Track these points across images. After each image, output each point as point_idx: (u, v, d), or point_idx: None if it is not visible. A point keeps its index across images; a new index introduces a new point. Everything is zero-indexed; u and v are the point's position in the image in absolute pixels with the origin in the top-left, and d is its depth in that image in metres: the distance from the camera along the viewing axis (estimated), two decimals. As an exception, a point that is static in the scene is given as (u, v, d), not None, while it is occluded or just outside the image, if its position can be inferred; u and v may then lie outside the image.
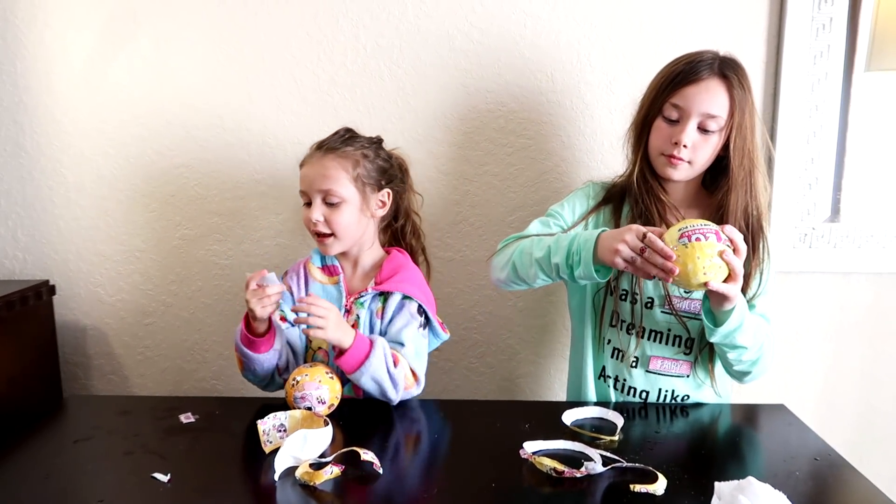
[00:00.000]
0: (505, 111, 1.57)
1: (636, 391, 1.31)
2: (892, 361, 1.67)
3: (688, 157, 1.20)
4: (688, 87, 1.19)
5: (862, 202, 1.59)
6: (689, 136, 1.19)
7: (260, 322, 1.21)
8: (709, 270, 1.04)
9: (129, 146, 1.60)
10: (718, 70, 1.18)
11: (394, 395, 1.22)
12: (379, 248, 1.40)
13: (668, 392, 1.31)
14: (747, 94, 1.19)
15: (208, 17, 1.55)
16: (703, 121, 1.18)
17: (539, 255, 1.20)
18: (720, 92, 1.18)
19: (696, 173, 1.25)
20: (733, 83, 1.17)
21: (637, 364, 1.30)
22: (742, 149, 1.19)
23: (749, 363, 1.22)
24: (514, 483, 0.98)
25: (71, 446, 1.10)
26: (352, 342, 1.19)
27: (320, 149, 1.30)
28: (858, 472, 1.03)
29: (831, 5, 1.50)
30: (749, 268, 1.20)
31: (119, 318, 1.69)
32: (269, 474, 0.98)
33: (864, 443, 1.68)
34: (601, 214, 1.32)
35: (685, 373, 1.30)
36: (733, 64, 1.20)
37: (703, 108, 1.18)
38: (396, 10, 1.54)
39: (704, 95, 1.18)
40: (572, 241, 1.16)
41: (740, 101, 1.17)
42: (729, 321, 1.12)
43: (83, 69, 1.57)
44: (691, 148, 1.20)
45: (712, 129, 1.19)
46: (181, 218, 1.63)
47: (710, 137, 1.20)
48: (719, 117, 1.18)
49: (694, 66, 1.19)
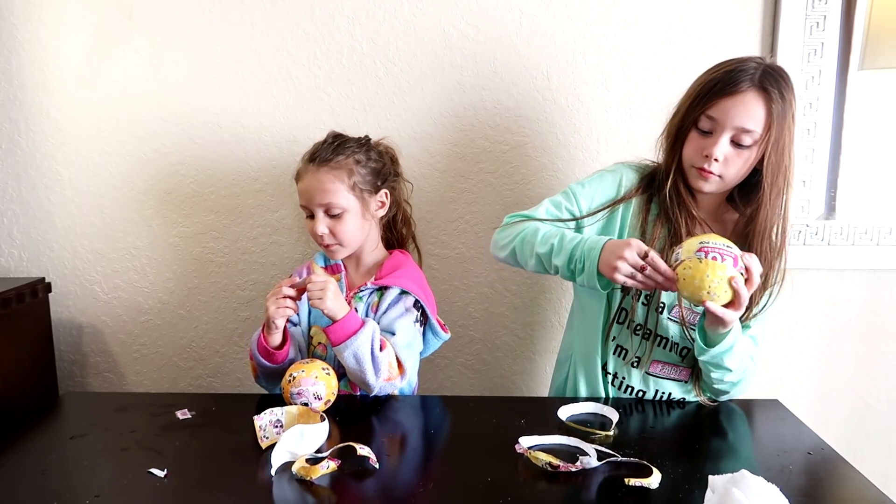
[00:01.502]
0: (500, 108, 1.58)
1: (633, 390, 1.32)
2: (885, 357, 1.68)
3: (719, 171, 1.16)
4: (724, 98, 1.13)
5: (856, 200, 1.60)
6: (720, 150, 1.14)
7: (275, 331, 1.23)
8: (714, 291, 1.04)
9: (124, 144, 1.60)
10: (759, 82, 1.12)
11: (373, 380, 1.22)
12: (382, 247, 1.42)
13: (664, 394, 1.32)
14: (788, 109, 1.13)
15: (204, 15, 1.55)
16: (736, 134, 1.13)
17: (541, 251, 1.19)
18: (757, 106, 1.12)
19: (727, 187, 1.20)
20: (773, 97, 1.11)
21: (637, 364, 1.30)
22: (777, 165, 1.14)
23: (730, 384, 1.24)
24: (510, 478, 0.99)
25: (67, 443, 1.10)
26: (344, 315, 1.21)
27: (313, 161, 1.30)
28: (852, 467, 1.03)
29: (825, 3, 1.51)
30: (759, 290, 1.18)
31: (115, 315, 1.69)
32: (265, 470, 0.98)
33: (857, 438, 1.69)
34: (630, 206, 1.27)
35: (684, 379, 1.31)
36: (777, 75, 1.13)
37: (738, 122, 1.12)
38: (392, 7, 1.54)
39: (741, 109, 1.12)
40: (576, 246, 1.15)
41: (778, 117, 1.11)
42: (720, 344, 1.14)
43: (79, 66, 1.57)
44: (723, 162, 1.15)
45: (746, 143, 1.13)
46: (177, 215, 1.63)
47: (743, 152, 1.14)
48: (754, 132, 1.12)
49: (733, 76, 1.13)
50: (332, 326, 1.21)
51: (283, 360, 1.26)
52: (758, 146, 1.14)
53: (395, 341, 1.27)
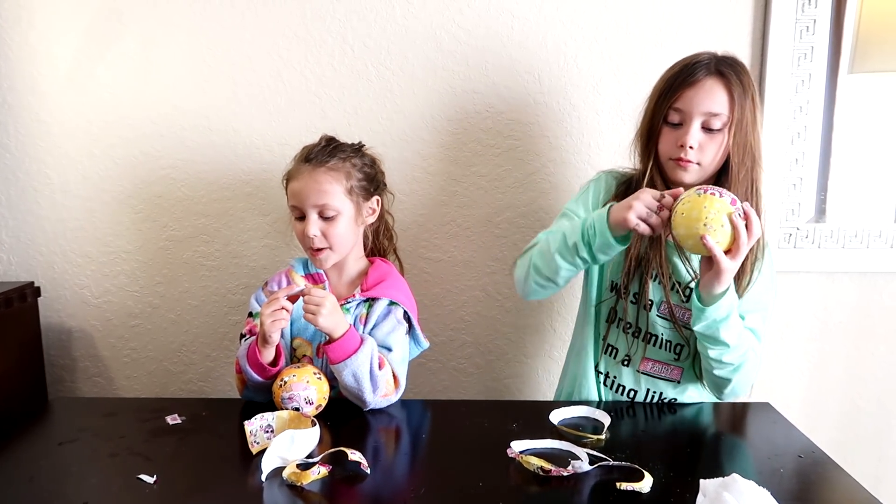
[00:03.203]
0: (492, 112, 1.58)
1: (625, 389, 1.32)
2: (875, 360, 1.68)
3: (696, 159, 1.20)
4: (687, 89, 1.19)
5: (846, 203, 1.61)
6: (693, 138, 1.19)
7: (269, 345, 1.20)
8: (711, 223, 1.03)
9: (114, 147, 1.59)
10: (715, 69, 1.18)
11: (370, 397, 1.21)
12: (363, 256, 1.41)
13: (655, 393, 1.32)
14: (747, 91, 1.18)
15: (195, 18, 1.54)
16: (706, 120, 1.18)
17: (556, 246, 1.20)
18: (719, 90, 1.18)
19: (707, 174, 1.23)
20: (731, 80, 1.17)
21: (628, 363, 1.31)
22: (743, 145, 1.19)
23: (731, 368, 1.21)
24: (502, 482, 0.98)
25: (56, 448, 1.09)
26: (343, 333, 1.19)
27: (308, 162, 1.28)
28: (842, 470, 1.04)
29: (815, 7, 1.52)
30: (744, 264, 1.19)
31: (105, 319, 1.68)
32: (256, 475, 0.98)
33: (848, 441, 1.70)
34: None
35: (675, 378, 1.31)
36: (731, 62, 1.20)
37: (704, 108, 1.18)
38: (384, 10, 1.54)
39: (704, 95, 1.18)
40: (585, 219, 1.18)
41: (739, 98, 1.17)
42: (716, 306, 1.11)
43: (68, 70, 1.56)
44: (698, 149, 1.19)
45: (716, 127, 1.18)
46: (168, 219, 1.63)
47: (715, 136, 1.19)
48: (721, 114, 1.18)
49: (690, 68, 1.20)
50: (332, 345, 1.19)
51: (275, 375, 1.22)
52: (727, 128, 1.18)
53: (392, 357, 1.26)
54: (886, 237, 1.60)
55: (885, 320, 1.66)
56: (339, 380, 1.21)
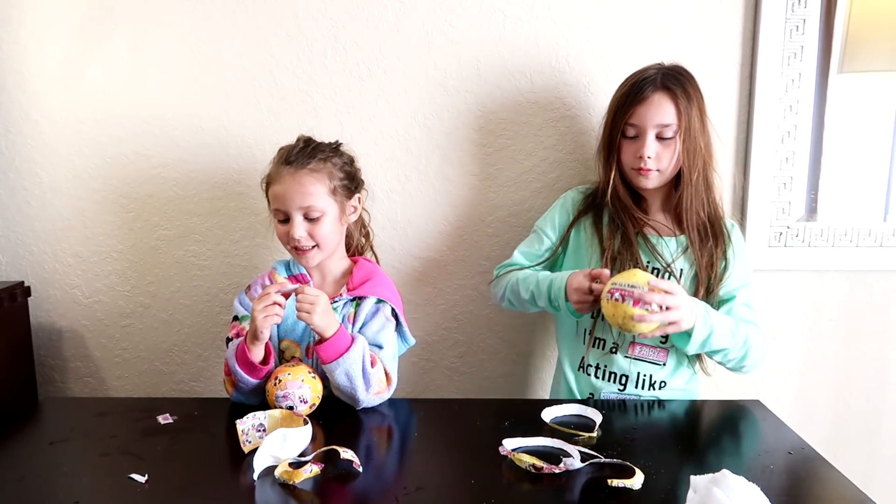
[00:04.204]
0: (484, 111, 1.58)
1: (616, 376, 1.36)
2: (865, 357, 1.70)
3: (655, 167, 1.31)
4: (638, 106, 1.30)
5: (836, 201, 1.62)
6: (650, 149, 1.30)
7: (259, 342, 1.19)
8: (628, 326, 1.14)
9: (105, 146, 1.59)
10: (661, 84, 1.29)
11: (363, 396, 1.21)
12: (345, 255, 1.41)
13: (646, 377, 1.36)
14: (692, 99, 1.30)
15: (186, 16, 1.54)
16: (658, 131, 1.30)
17: (526, 297, 1.35)
18: (667, 103, 1.29)
19: (667, 178, 1.34)
20: (677, 93, 1.28)
21: (617, 350, 1.36)
22: (693, 150, 1.30)
23: (738, 359, 1.29)
24: (494, 480, 0.99)
25: (46, 448, 1.09)
26: (334, 332, 1.19)
27: (289, 164, 1.27)
28: (832, 466, 1.04)
29: (805, 7, 1.52)
30: (713, 255, 1.33)
31: (96, 319, 1.67)
32: (248, 474, 0.98)
33: (838, 438, 1.71)
34: (581, 225, 1.41)
35: (662, 360, 1.36)
36: (676, 73, 1.31)
37: (656, 121, 1.29)
38: (376, 9, 1.54)
39: (654, 109, 1.29)
40: (549, 288, 1.31)
41: (686, 108, 1.29)
42: (694, 336, 1.21)
43: (59, 68, 1.56)
44: (655, 157, 1.31)
45: (669, 135, 1.30)
46: (159, 218, 1.62)
47: (669, 144, 1.30)
48: (672, 125, 1.29)
49: (638, 86, 1.31)
50: (323, 344, 1.19)
51: (265, 376, 1.21)
52: (678, 136, 1.30)
53: (383, 355, 1.26)
54: (876, 236, 1.62)
55: (875, 318, 1.68)
56: (332, 379, 1.20)
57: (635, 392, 1.36)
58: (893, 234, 1.61)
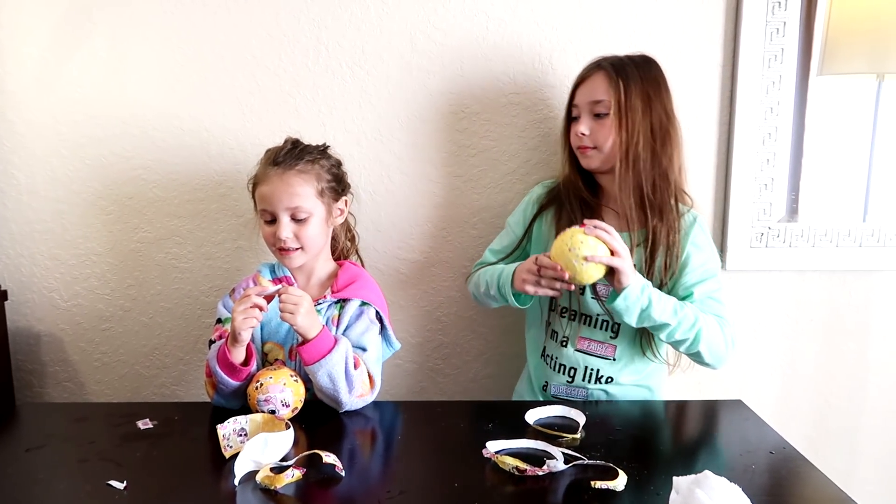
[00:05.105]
0: (468, 112, 1.58)
1: (566, 368, 1.39)
2: (845, 357, 1.71)
3: (591, 143, 1.33)
4: (579, 87, 1.36)
5: (817, 202, 1.64)
6: (584, 125, 1.33)
7: (240, 344, 1.18)
8: (576, 247, 1.15)
9: (84, 147, 1.56)
10: (604, 66, 1.32)
11: (346, 398, 1.20)
12: (330, 258, 1.40)
13: (593, 371, 1.37)
14: (632, 78, 1.29)
15: (166, 16, 1.52)
16: (592, 108, 1.32)
17: (483, 290, 1.39)
18: (600, 80, 1.31)
19: (610, 158, 1.33)
20: (612, 71, 1.30)
21: (567, 343, 1.38)
22: (630, 129, 1.29)
23: (689, 342, 1.27)
24: (477, 482, 0.98)
25: (22, 455, 1.07)
26: (317, 334, 1.18)
27: (277, 165, 1.27)
28: (812, 465, 1.05)
29: (785, 10, 1.54)
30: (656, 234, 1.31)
31: (75, 323, 1.64)
32: (229, 479, 0.97)
33: (819, 437, 1.73)
34: (544, 218, 1.43)
35: (610, 355, 1.37)
36: (627, 59, 1.33)
37: (588, 98, 1.33)
38: (358, 10, 1.53)
39: (589, 87, 1.33)
40: (500, 276, 1.34)
41: (619, 86, 1.29)
42: (626, 295, 1.20)
43: (36, 68, 1.53)
44: (591, 135, 1.33)
45: (602, 112, 1.31)
46: (139, 220, 1.60)
47: (604, 121, 1.31)
48: (604, 101, 1.30)
49: (585, 69, 1.36)
50: (306, 346, 1.18)
51: (247, 378, 1.20)
52: (614, 114, 1.29)
53: (367, 357, 1.26)
54: (856, 236, 1.63)
55: (855, 317, 1.70)
56: (315, 381, 1.19)
57: (583, 384, 1.38)
58: (872, 235, 1.63)
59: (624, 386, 1.38)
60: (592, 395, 1.38)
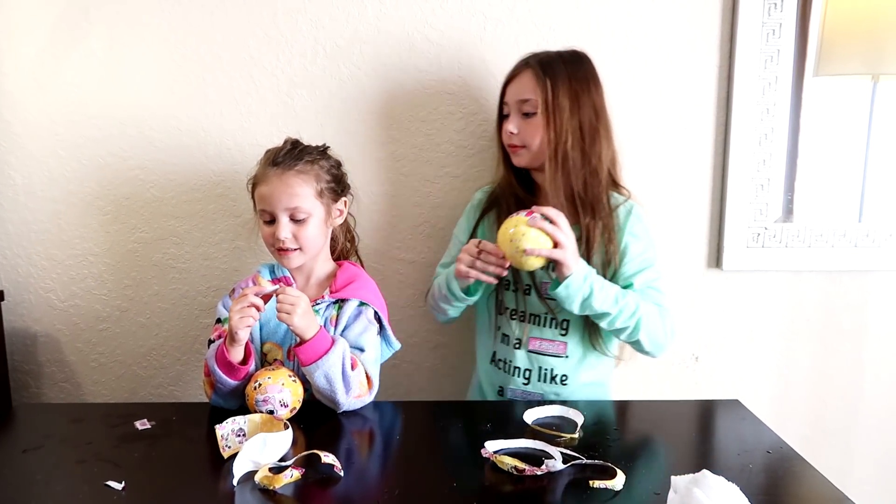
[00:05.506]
0: (465, 113, 1.58)
1: (520, 371, 1.38)
2: (841, 357, 1.72)
3: (519, 142, 1.33)
4: (508, 85, 1.35)
5: (812, 203, 1.64)
6: (512, 124, 1.33)
7: (237, 344, 1.18)
8: (518, 238, 1.15)
9: (81, 147, 1.56)
10: (532, 64, 1.31)
11: (343, 399, 1.20)
12: (329, 258, 1.40)
13: (547, 371, 1.37)
14: (560, 77, 1.28)
15: (163, 16, 1.52)
16: (520, 106, 1.32)
17: (436, 296, 1.39)
18: (528, 78, 1.30)
19: (537, 155, 1.32)
20: (539, 69, 1.29)
21: (520, 345, 1.38)
22: (558, 128, 1.27)
23: (630, 330, 1.28)
24: (476, 482, 0.99)
25: (19, 456, 1.06)
26: (314, 334, 1.18)
27: (276, 165, 1.27)
28: (809, 464, 1.06)
29: (781, 11, 1.55)
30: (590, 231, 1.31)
31: (72, 324, 1.64)
32: (227, 480, 0.97)
33: (815, 436, 1.73)
34: (485, 222, 1.43)
35: (562, 353, 1.37)
36: (555, 56, 1.32)
37: (517, 97, 1.32)
38: (356, 10, 1.53)
39: (517, 86, 1.33)
40: (447, 276, 1.34)
41: (550, 84, 1.27)
42: (568, 283, 1.20)
43: (32, 68, 1.53)
44: (520, 133, 1.32)
45: (530, 111, 1.30)
46: (137, 221, 1.60)
47: (531, 120, 1.31)
48: (531, 100, 1.29)
49: (514, 67, 1.35)
50: (303, 346, 1.18)
51: (244, 377, 1.20)
52: (541, 114, 1.28)
53: (365, 358, 1.26)
54: (851, 237, 1.64)
55: (851, 317, 1.70)
56: (312, 382, 1.20)
57: (539, 386, 1.38)
58: (868, 235, 1.64)
59: (579, 385, 1.37)
60: (547, 397, 1.37)
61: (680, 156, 1.62)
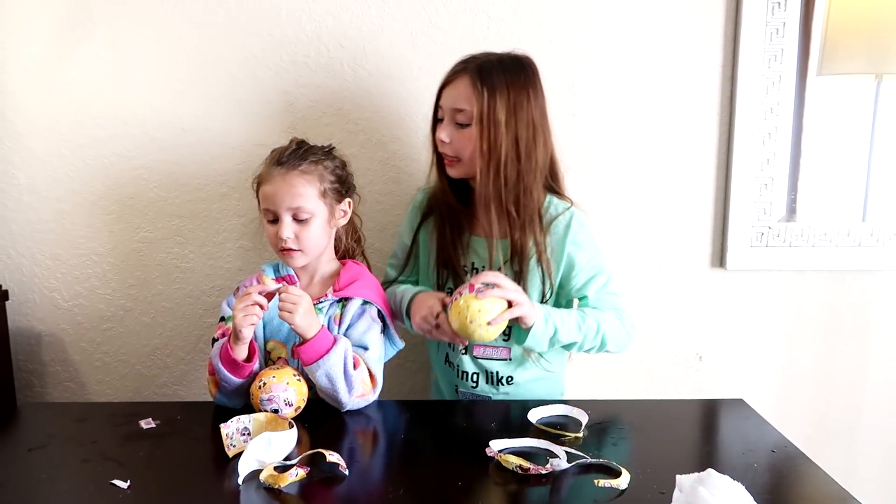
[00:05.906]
0: (469, 112, 1.58)
1: (468, 375, 1.39)
2: (845, 356, 1.72)
3: (451, 153, 1.27)
4: (445, 88, 1.27)
5: (816, 202, 1.64)
6: (443, 132, 1.26)
7: (241, 342, 1.18)
8: (483, 314, 1.13)
9: (84, 147, 1.56)
10: (470, 70, 1.23)
11: (346, 398, 1.20)
12: (334, 258, 1.40)
13: (493, 374, 1.38)
14: (497, 89, 1.21)
15: (167, 16, 1.52)
16: (453, 115, 1.25)
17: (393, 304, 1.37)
18: (464, 87, 1.22)
19: (470, 167, 1.27)
20: (477, 79, 1.21)
21: (466, 351, 1.39)
22: (492, 142, 1.21)
23: (597, 348, 1.29)
24: (481, 481, 0.99)
25: (24, 455, 1.07)
26: (316, 333, 1.18)
27: (280, 165, 1.27)
28: (814, 463, 1.06)
29: (784, 10, 1.55)
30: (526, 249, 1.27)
31: (76, 323, 1.64)
32: (232, 479, 0.97)
33: (819, 435, 1.73)
34: (427, 227, 1.40)
35: (506, 357, 1.37)
36: (498, 62, 1.24)
37: (452, 105, 1.25)
38: (359, 10, 1.53)
39: (453, 93, 1.25)
40: (399, 304, 1.34)
41: (486, 96, 1.20)
42: (534, 332, 1.20)
43: (36, 68, 1.53)
44: (450, 143, 1.26)
45: (463, 121, 1.24)
46: (140, 220, 1.60)
47: (465, 131, 1.24)
48: (466, 111, 1.23)
49: (452, 69, 1.27)
50: (304, 346, 1.18)
51: (249, 375, 1.20)
52: (475, 126, 1.22)
53: (368, 356, 1.26)
54: (855, 236, 1.64)
55: (854, 317, 1.70)
56: (314, 381, 1.20)
57: (486, 388, 1.38)
58: (871, 235, 1.64)
59: (524, 381, 1.38)
60: (495, 397, 1.39)
61: (683, 155, 1.62)
